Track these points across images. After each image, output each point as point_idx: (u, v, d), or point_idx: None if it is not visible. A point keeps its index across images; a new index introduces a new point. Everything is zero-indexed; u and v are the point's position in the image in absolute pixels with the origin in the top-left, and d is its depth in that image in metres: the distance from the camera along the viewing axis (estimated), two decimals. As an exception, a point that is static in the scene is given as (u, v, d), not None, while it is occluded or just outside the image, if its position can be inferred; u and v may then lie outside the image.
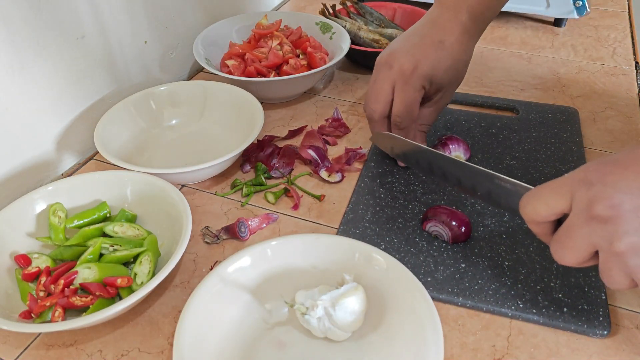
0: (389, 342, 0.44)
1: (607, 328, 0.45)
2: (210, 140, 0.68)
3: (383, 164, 0.63)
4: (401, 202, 0.58)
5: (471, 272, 0.50)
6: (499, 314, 0.47)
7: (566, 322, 0.45)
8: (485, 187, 0.46)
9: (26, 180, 0.62)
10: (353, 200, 0.58)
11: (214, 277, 0.46)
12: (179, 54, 0.82)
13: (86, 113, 0.68)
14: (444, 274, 0.50)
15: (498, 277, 0.49)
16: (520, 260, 0.51)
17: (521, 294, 0.48)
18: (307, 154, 0.64)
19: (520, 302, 0.47)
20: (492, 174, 0.45)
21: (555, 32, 0.95)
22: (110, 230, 0.52)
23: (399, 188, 0.60)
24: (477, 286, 0.49)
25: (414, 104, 0.58)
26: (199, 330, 0.43)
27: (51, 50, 0.61)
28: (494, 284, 0.49)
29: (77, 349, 0.46)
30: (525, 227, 0.53)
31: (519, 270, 0.50)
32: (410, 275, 0.45)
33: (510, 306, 0.47)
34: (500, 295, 0.48)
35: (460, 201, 0.57)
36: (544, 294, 0.48)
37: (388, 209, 0.57)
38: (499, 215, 0.56)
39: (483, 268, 0.50)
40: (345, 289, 0.44)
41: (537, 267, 0.50)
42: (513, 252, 0.52)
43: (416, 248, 0.53)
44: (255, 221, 0.57)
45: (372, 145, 0.66)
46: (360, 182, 0.61)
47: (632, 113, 0.72)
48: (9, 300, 0.47)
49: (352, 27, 0.84)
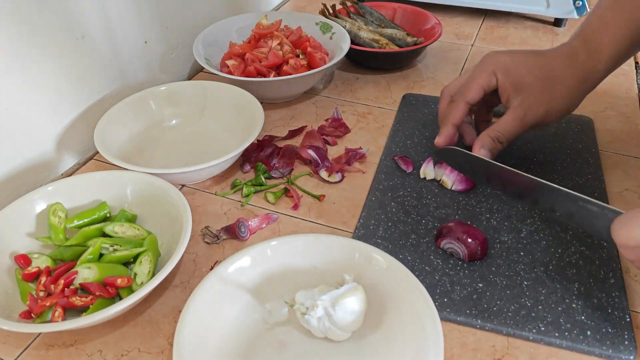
0: (389, 342, 0.44)
1: (633, 353, 0.43)
2: (210, 140, 0.68)
3: (394, 176, 0.61)
4: (414, 217, 0.56)
5: (489, 293, 0.48)
6: (520, 337, 0.45)
7: (590, 346, 0.44)
8: (565, 208, 0.46)
9: (26, 180, 0.62)
10: (364, 215, 0.57)
11: (214, 277, 0.46)
12: (179, 54, 0.82)
13: (86, 113, 0.68)
14: (461, 294, 0.48)
15: (517, 297, 0.48)
16: (539, 279, 0.49)
17: (542, 316, 0.46)
18: (307, 154, 0.64)
19: (542, 325, 0.45)
20: (576, 195, 0.45)
21: (555, 32, 0.95)
22: (110, 230, 0.52)
23: (411, 202, 0.58)
24: (495, 307, 0.47)
25: (472, 80, 0.57)
26: (199, 330, 0.43)
27: (51, 50, 0.61)
28: (513, 305, 0.47)
29: (77, 349, 0.46)
30: (544, 244, 0.52)
31: (539, 290, 0.48)
32: (410, 275, 0.45)
33: (532, 329, 0.45)
34: (520, 317, 0.46)
35: (475, 216, 0.56)
36: (565, 316, 0.46)
37: (400, 224, 0.55)
38: (515, 231, 0.54)
39: (501, 288, 0.48)
40: (345, 289, 0.44)
41: (557, 286, 0.48)
42: (532, 270, 0.50)
43: (431, 266, 0.51)
44: (255, 221, 0.57)
45: (381, 156, 0.65)
46: (370, 196, 0.59)
47: (632, 113, 0.72)
48: (9, 300, 0.47)
49: (352, 27, 0.84)
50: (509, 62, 0.57)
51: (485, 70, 0.57)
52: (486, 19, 1.01)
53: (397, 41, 0.84)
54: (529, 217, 0.56)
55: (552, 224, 0.55)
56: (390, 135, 0.69)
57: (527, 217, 0.56)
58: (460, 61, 0.87)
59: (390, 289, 0.46)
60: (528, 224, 0.55)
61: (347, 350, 0.44)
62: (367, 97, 0.78)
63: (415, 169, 0.62)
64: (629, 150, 0.66)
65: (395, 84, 0.81)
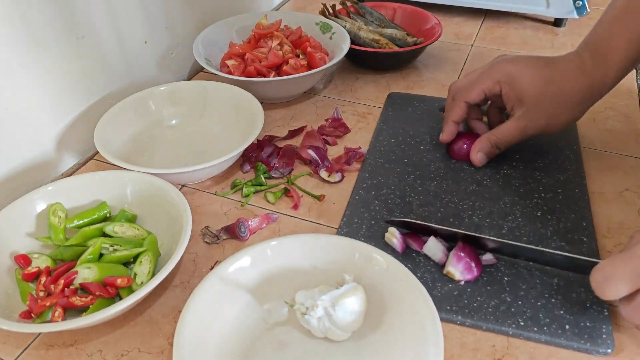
0: (389, 342, 0.44)
1: (610, 346, 0.44)
2: (210, 140, 0.68)
3: (378, 175, 0.62)
4: (397, 214, 0.57)
5: (470, 289, 0.49)
6: (499, 332, 0.46)
7: (568, 340, 0.44)
8: (542, 260, 0.49)
9: (26, 180, 0.62)
10: (347, 213, 0.57)
11: (214, 277, 0.46)
12: (179, 54, 0.82)
13: (86, 113, 0.68)
14: (442, 291, 0.48)
15: (498, 293, 0.48)
16: (520, 275, 0.50)
17: (522, 311, 0.46)
18: (307, 154, 0.64)
19: (521, 320, 0.46)
20: (545, 250, 0.47)
21: (555, 32, 0.95)
22: (110, 230, 0.52)
23: (395, 200, 0.58)
24: (476, 303, 0.47)
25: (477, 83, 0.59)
26: (199, 330, 0.43)
27: (51, 50, 0.61)
28: (493, 301, 0.47)
29: (77, 349, 0.46)
30: (525, 240, 0.53)
31: (519, 286, 0.49)
32: (410, 275, 0.45)
33: (511, 324, 0.46)
34: (500, 312, 0.46)
35: (457, 213, 0.56)
36: (545, 311, 0.46)
37: (384, 222, 0.56)
38: (497, 227, 0.54)
39: (482, 284, 0.49)
40: (345, 289, 0.44)
41: (537, 282, 0.49)
42: (513, 266, 0.50)
43: (413, 264, 0.51)
44: (255, 221, 0.57)
45: (366, 154, 0.65)
46: (354, 194, 0.60)
47: (632, 113, 0.72)
48: (9, 300, 0.47)
49: (352, 27, 0.84)
50: (514, 72, 0.58)
51: (490, 77, 0.59)
52: (486, 19, 1.01)
53: (397, 41, 0.84)
54: (510, 214, 0.56)
55: (534, 220, 0.55)
56: (375, 135, 0.69)
57: (508, 214, 0.56)
58: (460, 61, 0.87)
59: (390, 289, 0.46)
60: (509, 220, 0.55)
61: (347, 350, 0.44)
62: (367, 97, 0.78)
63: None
64: (629, 150, 0.66)
65: (395, 84, 0.81)
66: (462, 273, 0.49)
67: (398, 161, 0.64)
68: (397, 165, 0.64)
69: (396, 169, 0.63)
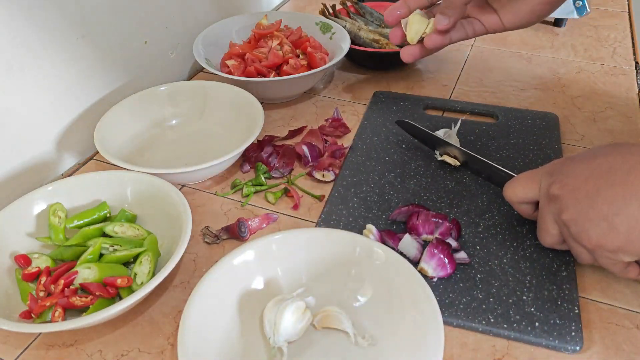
0: (388, 341, 0.44)
1: (579, 344, 0.44)
2: (210, 140, 0.68)
3: (358, 173, 0.62)
4: (375, 212, 0.57)
5: (442, 286, 0.49)
6: (470, 328, 0.46)
7: (537, 337, 0.44)
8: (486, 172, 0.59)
9: (26, 180, 0.62)
10: (326, 210, 0.57)
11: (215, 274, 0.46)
12: (179, 54, 0.82)
13: (86, 113, 0.68)
14: None
15: (470, 290, 0.48)
16: (493, 272, 0.50)
17: (493, 308, 0.47)
18: (300, 149, 0.64)
19: (492, 317, 0.46)
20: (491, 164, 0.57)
21: (555, 32, 0.95)
22: (110, 230, 0.52)
23: (373, 197, 0.59)
24: (447, 300, 0.47)
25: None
26: (201, 329, 0.43)
27: (51, 50, 0.61)
28: (465, 298, 0.48)
29: (77, 349, 0.46)
30: (500, 238, 0.53)
31: (492, 283, 0.49)
32: (413, 270, 0.45)
33: (481, 321, 0.46)
34: (471, 309, 0.47)
35: (435, 211, 0.56)
36: (515, 308, 0.47)
37: (361, 219, 0.56)
38: (473, 225, 0.55)
39: (455, 281, 0.49)
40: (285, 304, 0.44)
41: (510, 279, 0.49)
42: (486, 264, 0.51)
43: None
44: (255, 221, 0.57)
45: (347, 152, 0.65)
46: (334, 192, 0.60)
47: (632, 113, 0.72)
48: (9, 300, 0.47)
49: (352, 27, 0.84)
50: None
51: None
52: (486, 19, 1.00)
53: (397, 41, 0.84)
54: (487, 212, 0.56)
55: (510, 218, 0.55)
56: (358, 132, 0.69)
57: (485, 212, 0.56)
58: (460, 61, 0.87)
59: (391, 285, 0.46)
60: (486, 218, 0.56)
61: (347, 348, 0.44)
62: (367, 97, 0.78)
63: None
64: (629, 150, 0.66)
65: (395, 84, 0.81)
66: (434, 270, 0.49)
67: (379, 159, 0.64)
68: (377, 163, 0.64)
69: (377, 167, 0.63)
